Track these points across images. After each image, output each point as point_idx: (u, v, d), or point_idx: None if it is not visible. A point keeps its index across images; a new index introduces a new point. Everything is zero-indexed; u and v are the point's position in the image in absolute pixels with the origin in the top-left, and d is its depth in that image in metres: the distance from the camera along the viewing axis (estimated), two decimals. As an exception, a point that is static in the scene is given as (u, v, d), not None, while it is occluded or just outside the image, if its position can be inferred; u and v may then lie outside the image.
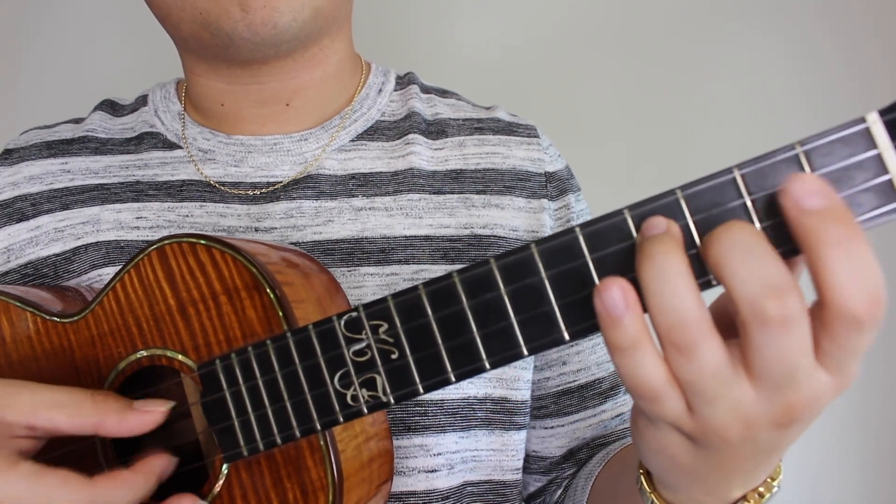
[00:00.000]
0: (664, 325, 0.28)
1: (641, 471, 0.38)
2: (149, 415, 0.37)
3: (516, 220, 0.58)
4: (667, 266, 0.27)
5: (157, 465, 0.38)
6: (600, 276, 0.30)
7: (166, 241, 0.40)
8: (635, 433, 0.34)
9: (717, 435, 0.29)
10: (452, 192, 0.58)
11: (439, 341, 0.32)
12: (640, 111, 1.05)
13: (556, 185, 0.61)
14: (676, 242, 0.28)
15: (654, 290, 0.28)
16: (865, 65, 1.02)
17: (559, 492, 0.60)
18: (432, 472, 0.51)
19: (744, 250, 0.27)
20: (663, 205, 0.30)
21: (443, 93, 0.66)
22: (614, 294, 0.28)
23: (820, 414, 0.29)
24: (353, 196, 0.56)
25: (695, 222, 0.29)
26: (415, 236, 0.55)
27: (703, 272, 0.29)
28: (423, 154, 0.59)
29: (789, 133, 1.01)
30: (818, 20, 1.03)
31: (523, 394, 0.56)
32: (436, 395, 0.51)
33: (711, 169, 0.30)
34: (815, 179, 0.27)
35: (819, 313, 0.27)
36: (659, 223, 0.29)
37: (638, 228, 0.30)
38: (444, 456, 0.52)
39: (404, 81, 0.65)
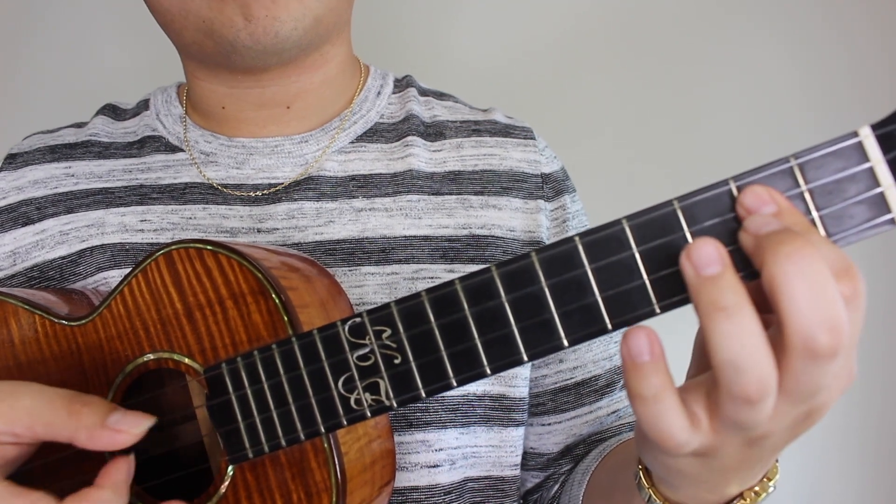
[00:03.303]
0: (737, 384, 0.27)
1: (640, 467, 0.38)
2: (120, 435, 0.36)
3: (513, 220, 0.59)
4: (744, 323, 0.27)
5: (120, 474, 0.37)
6: (599, 286, 0.31)
7: (173, 247, 0.41)
8: (640, 443, 0.34)
9: (733, 447, 0.30)
10: (451, 194, 0.58)
11: (441, 347, 0.33)
12: (638, 113, 1.05)
13: (552, 187, 0.61)
14: (743, 290, 0.27)
15: (730, 350, 0.27)
16: (867, 65, 1.02)
17: (556, 487, 0.61)
18: (434, 467, 0.52)
19: (810, 280, 0.26)
20: (660, 216, 0.30)
21: (440, 95, 0.66)
22: (641, 341, 0.28)
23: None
24: (354, 197, 0.57)
25: (692, 234, 0.30)
26: (414, 236, 0.56)
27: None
28: (421, 156, 0.59)
29: (791, 133, 1.02)
30: (820, 20, 1.03)
31: (521, 391, 0.57)
32: None
33: (712, 171, 0.31)
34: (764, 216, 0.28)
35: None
36: (712, 257, 0.28)
37: (636, 239, 0.30)
38: (445, 452, 0.53)
39: (402, 84, 0.66)
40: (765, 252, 0.27)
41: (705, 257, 0.28)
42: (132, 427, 0.37)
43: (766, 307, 0.28)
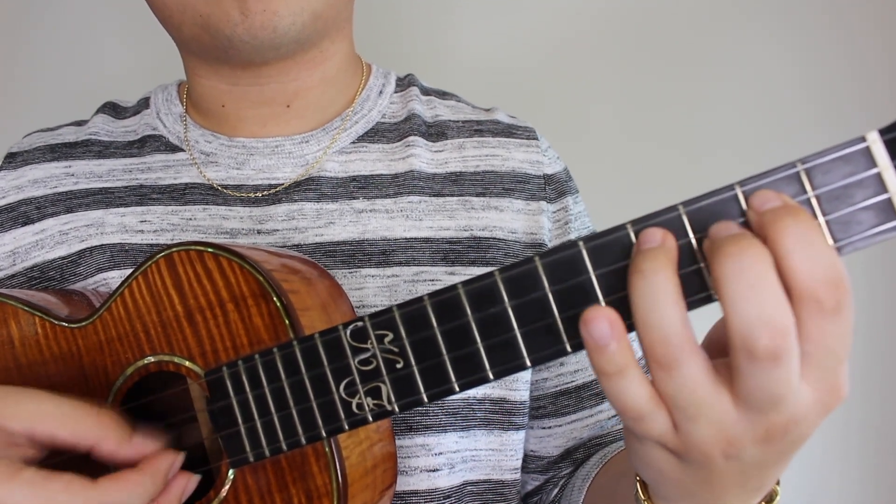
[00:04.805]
0: (648, 341, 0.28)
1: (639, 479, 0.38)
2: (141, 455, 0.37)
3: (515, 222, 0.58)
4: (655, 283, 0.28)
5: (165, 464, 0.38)
6: (603, 291, 0.31)
7: (174, 249, 0.41)
8: (627, 446, 0.34)
9: (700, 451, 0.30)
10: (452, 195, 0.58)
11: (443, 352, 0.33)
12: (641, 113, 1.05)
13: (554, 188, 0.61)
14: (668, 258, 0.29)
15: (641, 307, 0.28)
16: (870, 65, 1.02)
17: (556, 490, 0.61)
18: (434, 471, 0.52)
19: (749, 279, 0.27)
20: (665, 220, 0.30)
21: (442, 94, 0.66)
22: (601, 325, 0.29)
23: (810, 433, 0.30)
24: (354, 198, 0.57)
25: (697, 240, 0.30)
26: (415, 238, 0.56)
27: (705, 287, 0.30)
28: (423, 156, 0.59)
29: (794, 134, 1.02)
30: (823, 21, 1.03)
31: (522, 394, 0.57)
32: None
33: (715, 174, 0.31)
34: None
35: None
36: (654, 236, 0.29)
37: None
38: (445, 455, 0.52)
39: (404, 83, 0.65)
40: (712, 252, 0.28)
41: (648, 236, 0.29)
42: (154, 447, 0.38)
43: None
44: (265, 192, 0.56)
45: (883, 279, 1.01)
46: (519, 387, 0.57)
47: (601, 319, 0.29)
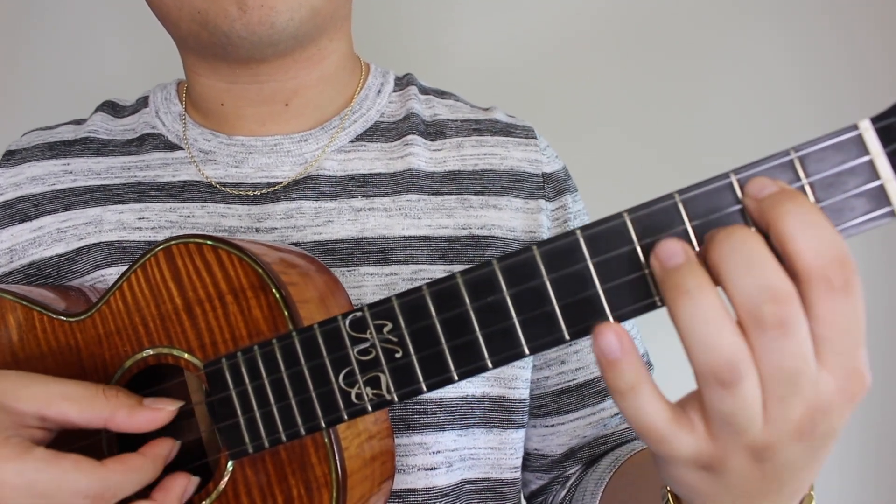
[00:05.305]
0: (708, 364, 0.28)
1: (669, 490, 0.37)
2: (158, 412, 0.39)
3: (514, 220, 0.59)
4: (706, 303, 0.27)
5: (163, 450, 0.40)
6: (600, 279, 0.31)
7: (173, 242, 0.41)
8: (656, 463, 0.34)
9: (738, 462, 0.30)
10: (451, 193, 0.58)
11: (442, 341, 0.33)
12: (639, 110, 1.05)
13: (553, 186, 0.61)
14: (705, 274, 0.28)
15: (695, 330, 0.27)
16: (866, 59, 1.02)
17: (563, 492, 0.61)
18: (431, 469, 0.52)
19: (743, 255, 0.27)
20: (661, 209, 0.30)
21: (441, 94, 0.66)
22: (610, 339, 0.29)
23: (839, 426, 0.29)
24: (353, 197, 0.57)
25: (693, 227, 0.30)
26: (413, 237, 0.56)
27: None
28: (421, 155, 0.59)
29: (791, 127, 1.02)
30: (820, 15, 1.03)
31: (521, 392, 0.57)
32: (435, 393, 0.52)
33: (714, 169, 0.31)
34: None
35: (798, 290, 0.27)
36: (675, 250, 0.29)
37: (637, 233, 0.30)
38: (442, 454, 0.52)
39: (403, 82, 0.66)
40: (705, 246, 0.29)
41: (669, 251, 0.29)
42: (167, 404, 0.40)
43: None
44: (264, 191, 0.57)
45: (883, 279, 1.01)
46: (518, 385, 0.57)
47: (609, 333, 0.29)
